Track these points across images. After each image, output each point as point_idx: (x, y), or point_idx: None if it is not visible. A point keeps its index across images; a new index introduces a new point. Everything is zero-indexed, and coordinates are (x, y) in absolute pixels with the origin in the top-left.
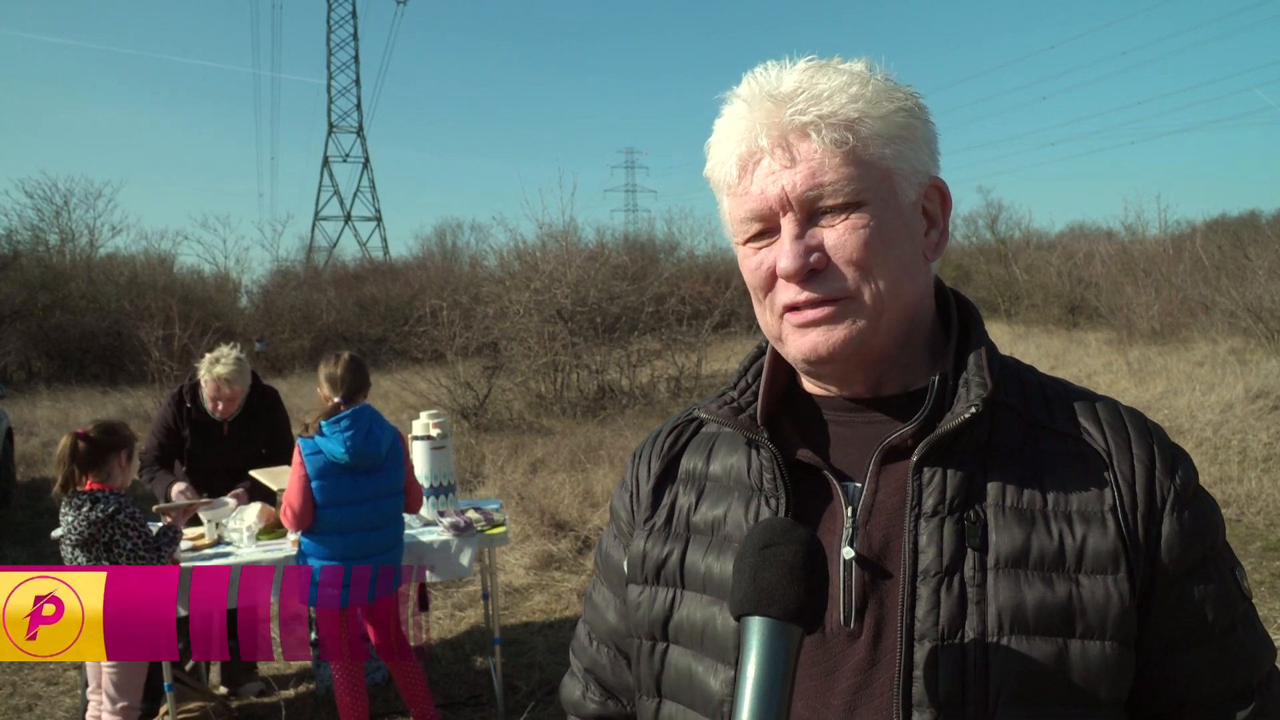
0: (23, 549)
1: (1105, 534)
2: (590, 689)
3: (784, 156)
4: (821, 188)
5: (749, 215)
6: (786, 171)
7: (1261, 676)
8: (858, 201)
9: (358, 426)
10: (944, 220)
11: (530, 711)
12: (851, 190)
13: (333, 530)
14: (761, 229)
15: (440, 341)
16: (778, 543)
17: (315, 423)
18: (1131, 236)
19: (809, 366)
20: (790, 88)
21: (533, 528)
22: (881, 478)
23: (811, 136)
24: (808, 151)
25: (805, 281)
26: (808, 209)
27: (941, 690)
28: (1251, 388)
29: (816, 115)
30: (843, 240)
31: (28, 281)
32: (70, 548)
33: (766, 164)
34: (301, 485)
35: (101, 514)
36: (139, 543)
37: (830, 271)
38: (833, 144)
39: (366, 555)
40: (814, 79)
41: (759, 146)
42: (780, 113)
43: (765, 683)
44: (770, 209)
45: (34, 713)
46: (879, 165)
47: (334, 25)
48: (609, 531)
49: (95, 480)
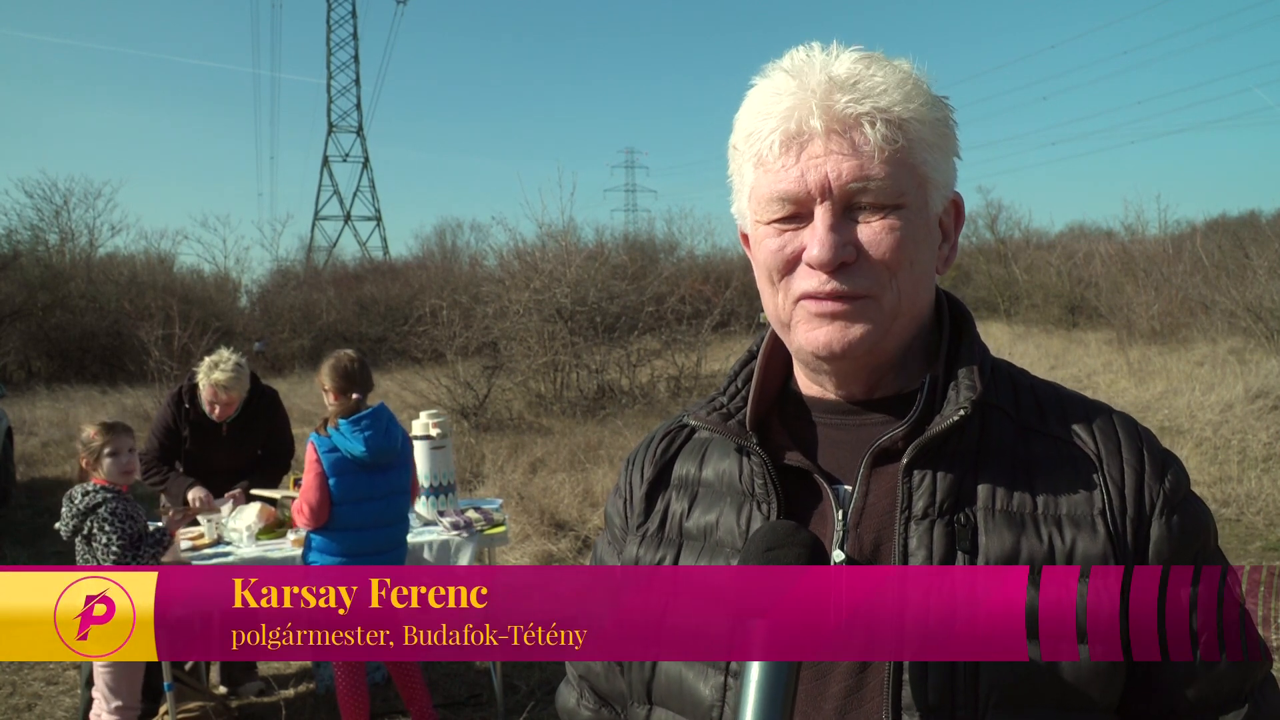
0: (23, 548)
1: (1095, 538)
2: (584, 696)
3: (837, 142)
4: (867, 181)
5: (782, 195)
6: (834, 158)
7: (1255, 681)
8: (897, 204)
9: (377, 425)
10: (955, 235)
11: (530, 711)
12: (895, 190)
13: (346, 527)
14: (792, 212)
15: (440, 341)
16: (782, 546)
17: (334, 420)
18: (1131, 236)
19: (816, 360)
20: (844, 73)
21: (532, 527)
22: (872, 480)
23: (865, 128)
24: (860, 142)
25: (834, 273)
26: (847, 200)
27: (931, 695)
28: (1251, 387)
29: (873, 107)
30: (878, 238)
31: (27, 281)
32: (67, 540)
33: (815, 147)
34: (319, 482)
35: (85, 505)
36: (114, 539)
37: (858, 268)
38: (884, 140)
39: (377, 552)
40: (869, 69)
41: (810, 128)
42: (835, 97)
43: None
44: (808, 193)
45: (34, 712)
46: (919, 171)
47: (334, 25)
48: (603, 537)
49: (94, 475)
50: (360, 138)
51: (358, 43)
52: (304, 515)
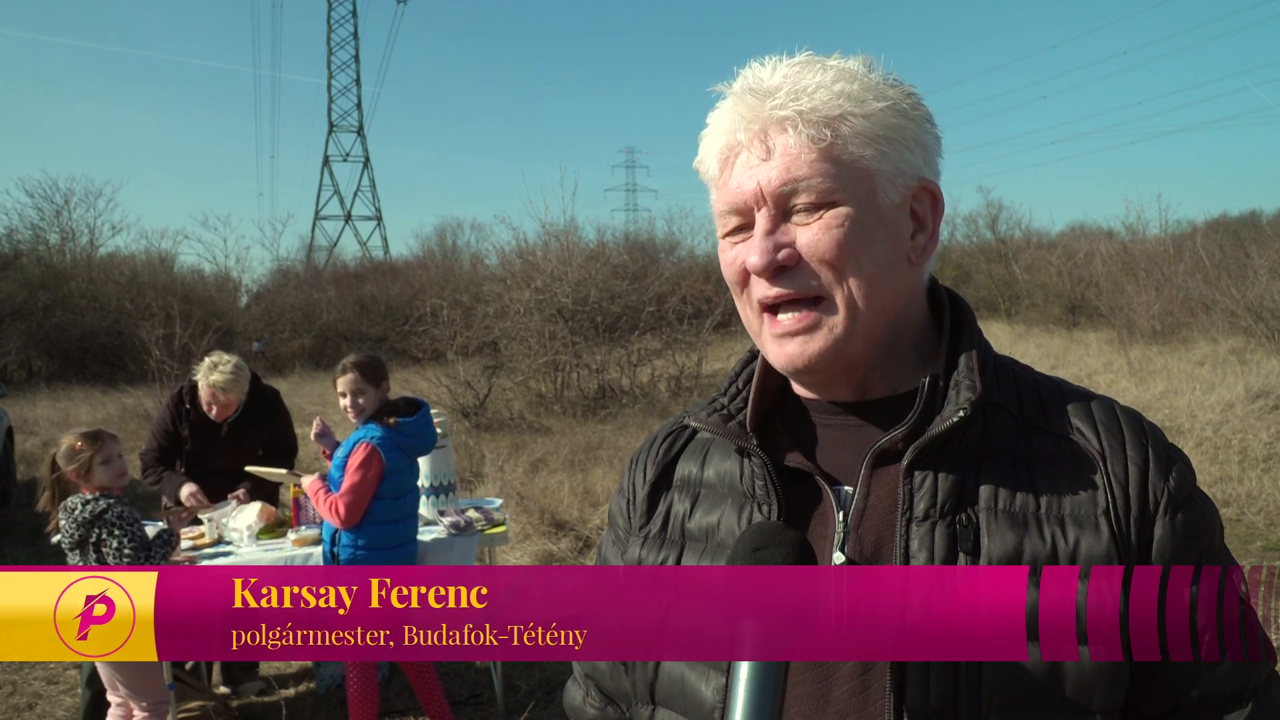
0: (23, 548)
1: (1098, 538)
2: (590, 694)
3: (760, 150)
4: (795, 183)
5: (727, 208)
6: (762, 165)
7: (1259, 681)
8: (832, 200)
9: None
10: (934, 224)
11: (530, 711)
12: (826, 188)
13: (382, 521)
14: (739, 223)
15: (440, 341)
16: (768, 545)
17: (387, 415)
18: (1132, 236)
19: (789, 375)
20: (775, 82)
21: (533, 527)
22: (873, 482)
23: (789, 131)
24: (784, 146)
25: (775, 277)
26: (782, 204)
27: (934, 697)
28: (1252, 387)
29: (795, 110)
30: (815, 239)
31: (28, 281)
32: (68, 553)
33: (744, 158)
34: (375, 482)
35: (90, 514)
36: (125, 542)
37: (801, 269)
38: (810, 140)
39: (402, 543)
40: (800, 74)
41: (738, 140)
42: (762, 107)
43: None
44: (746, 203)
45: (34, 711)
46: (859, 164)
47: (334, 24)
48: (607, 537)
49: (87, 484)
50: (361, 137)
51: (358, 42)
52: (339, 514)
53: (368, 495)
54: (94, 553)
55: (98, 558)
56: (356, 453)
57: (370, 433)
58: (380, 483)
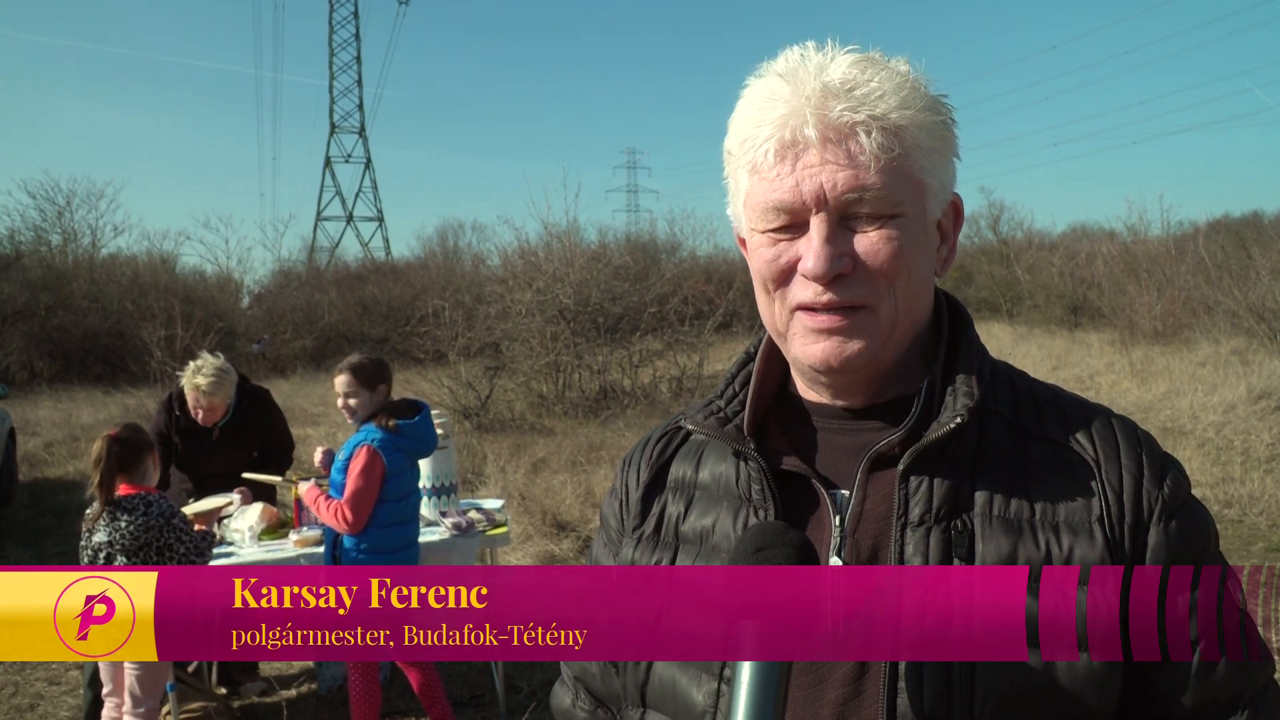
0: (25, 548)
1: (1093, 545)
2: (580, 697)
3: (832, 152)
4: (863, 192)
5: (777, 205)
6: (829, 168)
7: (1256, 688)
8: (895, 213)
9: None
10: (954, 236)
11: (531, 712)
12: (892, 200)
13: (385, 524)
14: (787, 222)
15: (442, 342)
16: (771, 546)
17: (385, 417)
18: (1134, 237)
19: (814, 373)
20: (840, 78)
21: (534, 528)
22: (870, 486)
23: (860, 137)
24: (855, 151)
25: (830, 284)
26: (842, 211)
27: (927, 702)
28: (1254, 388)
29: (869, 115)
30: (875, 249)
31: (30, 282)
32: (115, 554)
33: (809, 156)
34: (379, 484)
35: (160, 519)
36: (190, 547)
37: (855, 278)
38: (880, 149)
39: (405, 546)
40: (865, 74)
41: (804, 137)
42: (829, 104)
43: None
44: (803, 204)
45: (36, 712)
46: (916, 178)
47: (336, 25)
48: (599, 539)
49: (129, 483)
50: (362, 138)
51: (360, 43)
52: (345, 519)
53: (373, 497)
54: (157, 556)
55: (159, 561)
56: (358, 456)
57: (370, 435)
58: (383, 485)
